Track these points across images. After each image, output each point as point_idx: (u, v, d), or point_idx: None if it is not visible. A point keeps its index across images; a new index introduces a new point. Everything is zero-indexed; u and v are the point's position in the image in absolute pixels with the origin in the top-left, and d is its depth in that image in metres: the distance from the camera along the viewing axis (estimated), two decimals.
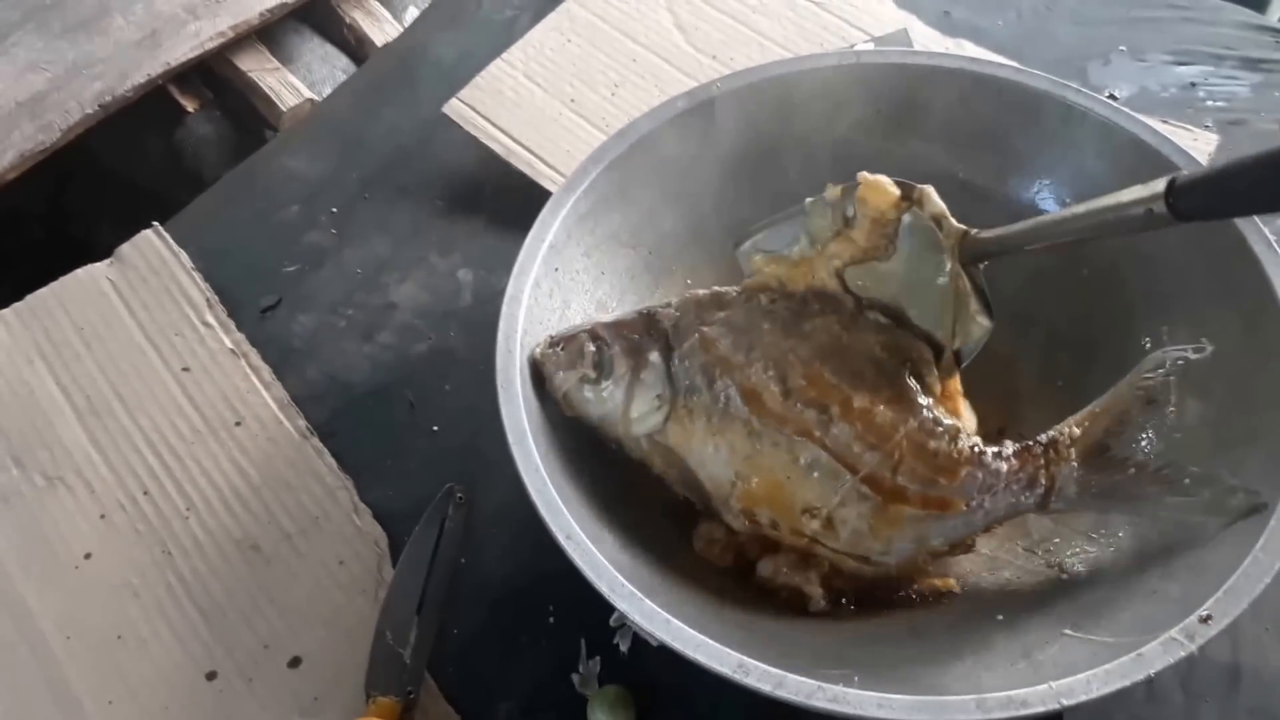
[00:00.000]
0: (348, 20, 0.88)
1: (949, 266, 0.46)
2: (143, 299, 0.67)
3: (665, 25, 0.77)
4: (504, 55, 0.75)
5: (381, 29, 0.88)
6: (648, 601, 0.41)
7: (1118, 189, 0.52)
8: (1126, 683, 0.38)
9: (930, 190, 0.47)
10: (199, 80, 0.85)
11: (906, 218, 0.47)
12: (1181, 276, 0.51)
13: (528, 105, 0.72)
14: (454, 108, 0.72)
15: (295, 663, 0.52)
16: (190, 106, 0.83)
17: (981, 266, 0.47)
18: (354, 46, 0.89)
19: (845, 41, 0.75)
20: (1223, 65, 0.74)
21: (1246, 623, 0.40)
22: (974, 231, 0.46)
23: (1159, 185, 0.38)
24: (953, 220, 0.46)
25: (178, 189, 0.75)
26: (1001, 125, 0.56)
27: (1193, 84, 0.73)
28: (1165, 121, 0.70)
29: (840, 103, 0.57)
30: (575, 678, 0.51)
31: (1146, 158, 0.52)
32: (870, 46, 0.73)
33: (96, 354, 0.65)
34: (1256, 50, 0.75)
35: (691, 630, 0.41)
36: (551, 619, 0.52)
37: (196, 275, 0.67)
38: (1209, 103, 0.72)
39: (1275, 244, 0.47)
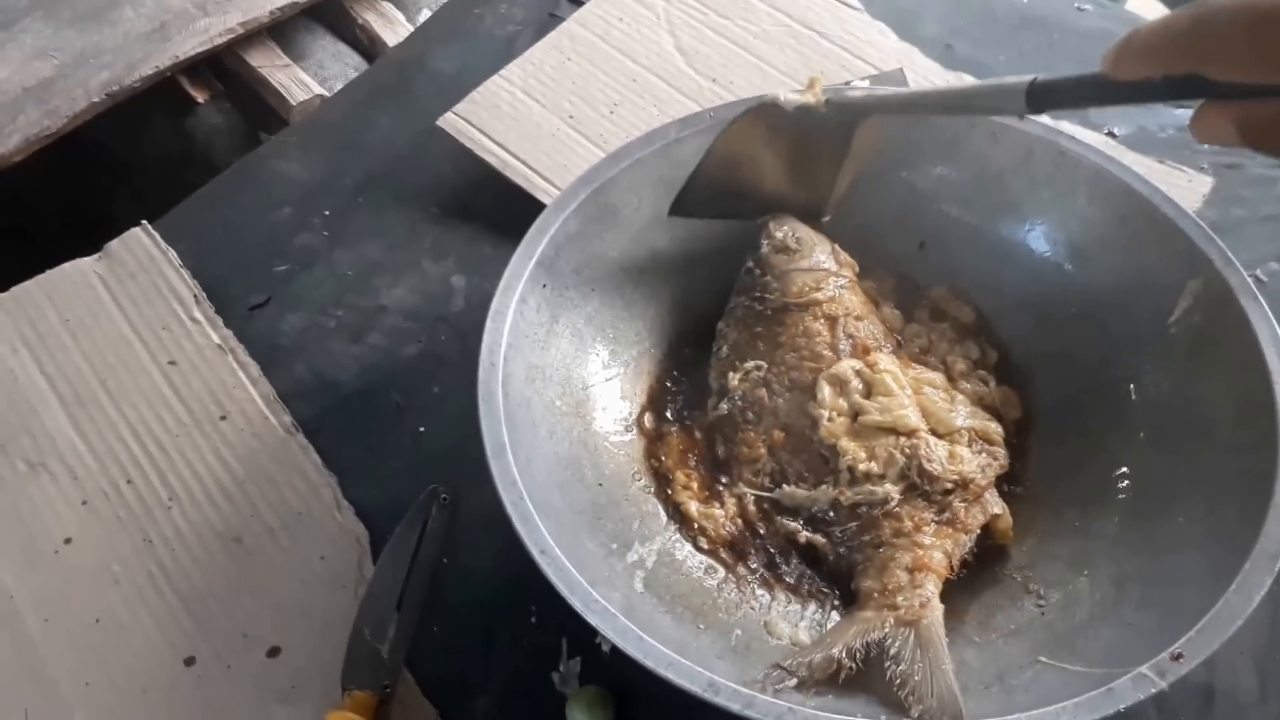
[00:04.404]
0: (360, 21, 0.89)
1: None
2: (130, 293, 0.67)
3: (666, 47, 0.79)
4: (502, 71, 0.76)
5: (394, 30, 0.89)
6: (621, 618, 0.42)
7: (1110, 233, 0.55)
8: (1096, 716, 0.39)
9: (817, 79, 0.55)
10: (209, 72, 0.85)
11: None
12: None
13: (525, 120, 0.73)
14: (449, 121, 0.73)
15: (274, 652, 0.53)
16: (200, 98, 0.84)
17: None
18: (366, 46, 0.90)
19: (847, 72, 0.76)
20: None
21: (1223, 647, 0.41)
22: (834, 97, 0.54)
23: (1022, 84, 0.45)
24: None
25: (190, 177, 0.76)
26: (995, 167, 0.58)
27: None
28: (1162, 161, 0.71)
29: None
30: (555, 676, 0.51)
31: (1137, 204, 0.54)
32: (867, 83, 0.74)
33: (82, 345, 0.65)
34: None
35: (664, 648, 0.42)
36: (533, 619, 0.53)
37: (185, 272, 0.68)
38: (1205, 146, 0.72)
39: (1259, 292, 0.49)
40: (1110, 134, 0.74)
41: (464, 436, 0.59)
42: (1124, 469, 0.52)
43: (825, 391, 0.53)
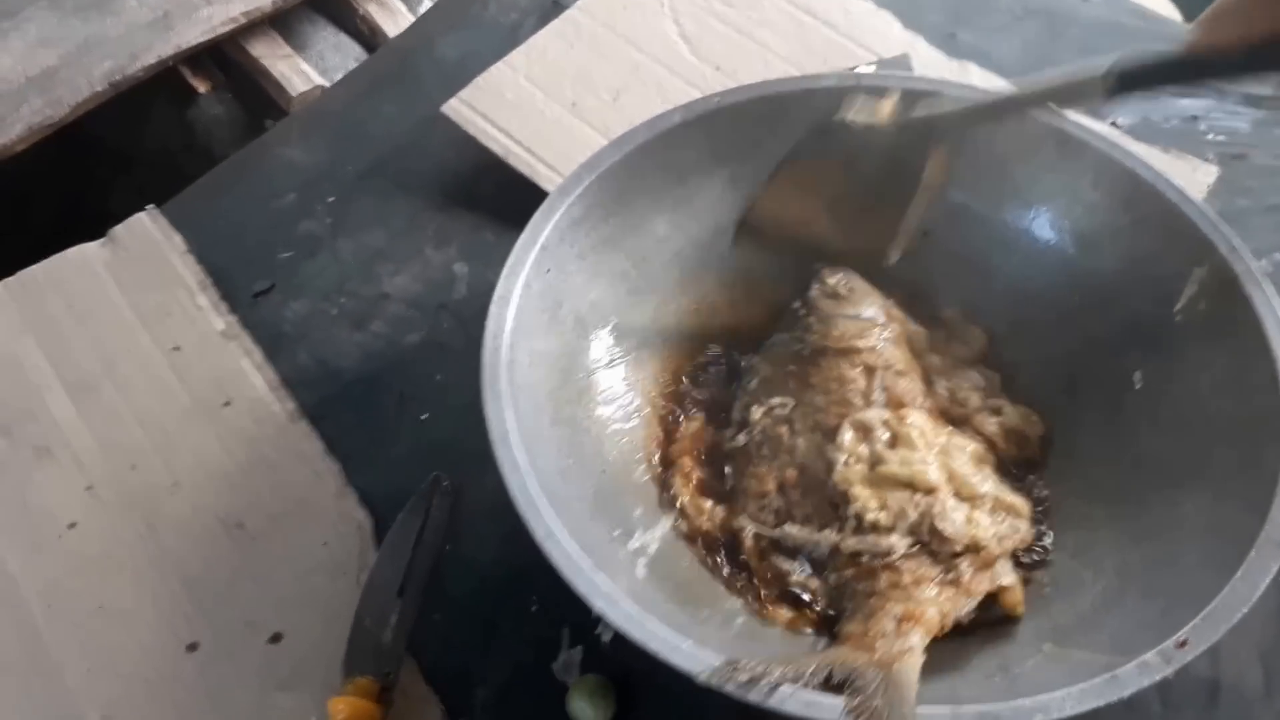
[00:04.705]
0: (361, 11, 0.90)
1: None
2: (135, 279, 0.67)
3: (670, 35, 0.78)
4: (506, 58, 0.76)
5: (395, 21, 0.90)
6: (624, 603, 0.42)
7: (1115, 220, 0.55)
8: (1101, 703, 0.39)
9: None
10: (211, 62, 0.86)
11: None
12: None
13: (528, 107, 0.73)
14: (453, 108, 0.73)
15: (276, 638, 0.53)
16: (202, 88, 0.85)
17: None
18: (367, 36, 0.90)
19: (850, 59, 0.76)
20: (1225, 100, 0.74)
21: (1228, 639, 0.40)
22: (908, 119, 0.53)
23: (1098, 71, 0.44)
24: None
25: (190, 166, 0.76)
26: (1000, 153, 0.57)
27: (1195, 117, 0.74)
28: (1166, 151, 0.70)
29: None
30: (556, 665, 0.51)
31: (1142, 190, 0.53)
32: (872, 69, 0.74)
33: (87, 330, 0.65)
34: (1258, 88, 0.76)
35: (667, 634, 0.41)
36: (535, 607, 0.53)
37: (189, 258, 0.68)
38: (1210, 136, 0.73)
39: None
40: (1114, 124, 0.73)
41: (466, 426, 0.58)
42: (1128, 457, 0.51)
43: (847, 435, 0.51)
